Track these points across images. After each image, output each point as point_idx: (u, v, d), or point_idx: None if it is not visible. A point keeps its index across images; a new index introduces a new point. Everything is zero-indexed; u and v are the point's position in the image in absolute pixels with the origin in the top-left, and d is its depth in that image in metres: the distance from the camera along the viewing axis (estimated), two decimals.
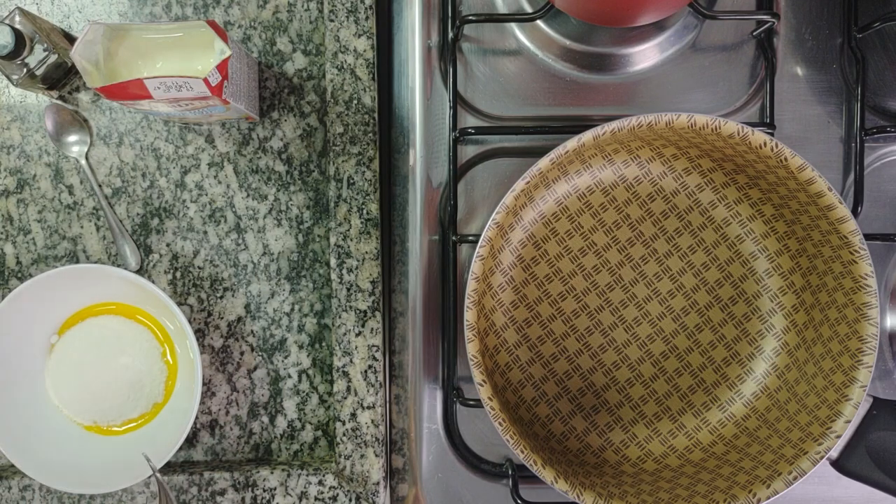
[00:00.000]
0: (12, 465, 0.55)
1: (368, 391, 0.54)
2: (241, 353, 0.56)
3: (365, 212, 0.53)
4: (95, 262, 0.55)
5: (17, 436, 0.50)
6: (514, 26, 0.54)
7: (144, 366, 0.52)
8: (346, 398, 0.54)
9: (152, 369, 0.53)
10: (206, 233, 0.55)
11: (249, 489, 0.53)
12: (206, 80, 0.44)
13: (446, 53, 0.53)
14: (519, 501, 0.50)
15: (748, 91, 0.54)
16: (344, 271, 0.54)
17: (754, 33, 0.53)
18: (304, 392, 0.56)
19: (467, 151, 0.54)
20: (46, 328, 0.53)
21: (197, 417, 0.55)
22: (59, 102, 0.55)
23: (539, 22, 0.53)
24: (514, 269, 0.51)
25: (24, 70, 0.51)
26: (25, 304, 0.50)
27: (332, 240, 0.54)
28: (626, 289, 0.51)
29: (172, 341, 0.54)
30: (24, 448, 0.50)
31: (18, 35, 0.48)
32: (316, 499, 0.53)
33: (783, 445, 0.46)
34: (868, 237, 0.46)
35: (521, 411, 0.51)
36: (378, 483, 0.54)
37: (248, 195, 0.55)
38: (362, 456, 0.54)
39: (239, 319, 0.55)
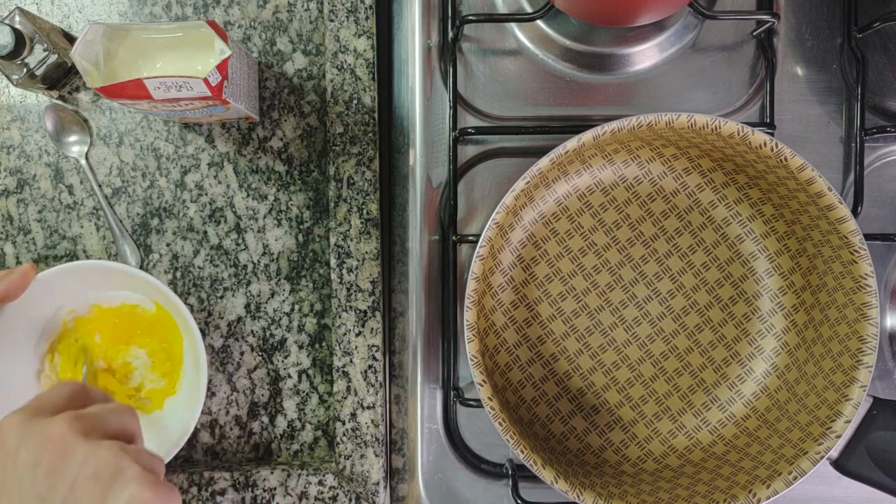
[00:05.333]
0: None
1: (368, 391, 0.54)
2: (241, 353, 0.56)
3: (365, 212, 0.53)
4: None
5: None
6: (514, 26, 0.54)
7: (148, 361, 0.52)
8: (346, 398, 0.54)
9: (156, 364, 0.53)
10: (206, 233, 0.55)
11: (249, 489, 0.53)
12: (206, 80, 0.44)
13: (446, 53, 0.53)
14: (519, 501, 0.50)
15: (748, 91, 0.54)
16: (344, 271, 0.54)
17: (754, 33, 0.53)
18: (304, 392, 0.56)
19: (467, 151, 0.54)
20: (50, 325, 0.53)
21: None
22: (59, 102, 0.55)
23: (539, 22, 0.53)
24: (514, 269, 0.51)
25: (24, 70, 0.51)
26: (28, 302, 0.50)
27: (332, 240, 0.54)
28: (626, 289, 0.51)
29: (179, 338, 0.53)
30: None
31: (18, 35, 0.48)
32: (316, 499, 0.53)
33: (783, 445, 0.46)
34: (868, 237, 0.46)
35: (521, 411, 0.51)
36: (378, 483, 0.54)
37: (248, 195, 0.55)
38: (362, 456, 0.54)
39: (239, 319, 0.55)
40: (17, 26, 0.50)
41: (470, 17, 0.50)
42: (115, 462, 0.34)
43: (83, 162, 0.55)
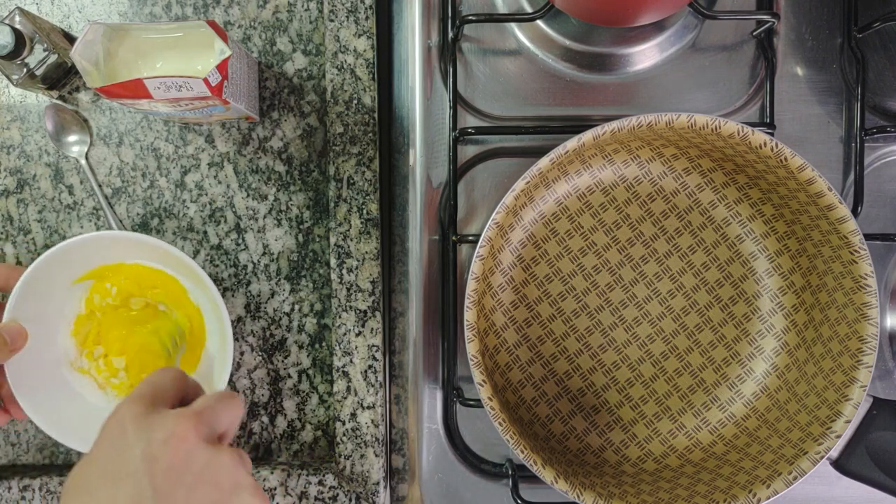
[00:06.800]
0: (13, 465, 0.55)
1: (368, 391, 0.54)
2: (241, 353, 0.56)
3: (365, 212, 0.53)
4: None
5: (47, 407, 0.50)
6: (514, 26, 0.54)
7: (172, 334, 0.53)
8: (346, 398, 0.54)
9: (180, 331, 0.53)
10: (206, 233, 0.55)
11: None
12: (206, 80, 0.44)
13: (446, 53, 0.53)
14: (519, 501, 0.50)
15: (748, 91, 0.54)
16: (344, 271, 0.54)
17: (754, 33, 0.53)
18: (304, 392, 0.56)
19: (467, 151, 0.54)
20: (76, 299, 0.53)
21: None
22: (59, 102, 0.55)
23: (539, 22, 0.53)
24: (514, 269, 0.51)
25: (24, 70, 0.51)
26: (53, 271, 0.49)
27: (332, 240, 0.54)
28: (626, 289, 0.51)
29: (199, 311, 0.53)
30: (55, 420, 0.50)
31: (18, 35, 0.48)
32: (316, 499, 0.53)
33: (783, 445, 0.46)
34: (868, 237, 0.46)
35: (521, 411, 0.51)
36: (378, 483, 0.54)
37: (248, 195, 0.55)
38: (362, 456, 0.54)
39: (239, 319, 0.55)
40: (17, 26, 0.50)
41: (470, 17, 0.50)
42: (234, 472, 0.36)
43: (83, 162, 0.55)
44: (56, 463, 0.56)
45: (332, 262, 0.54)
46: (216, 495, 0.35)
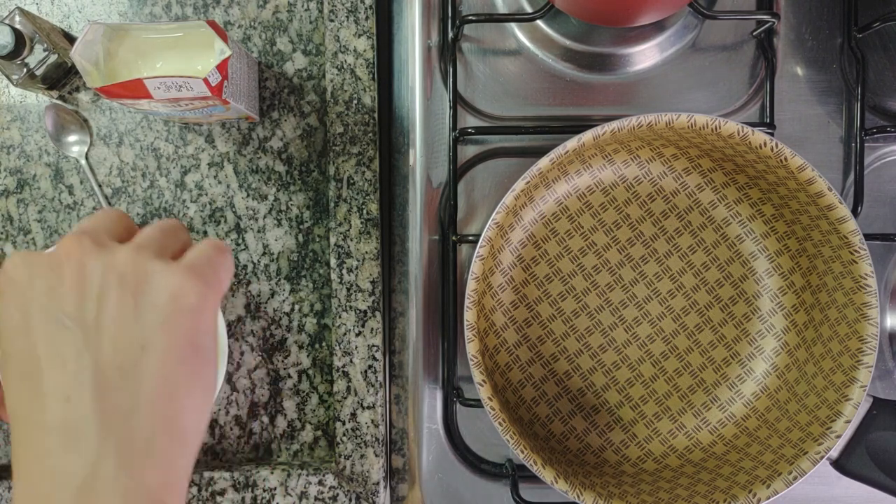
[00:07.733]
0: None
1: (368, 391, 0.54)
2: (241, 353, 0.56)
3: (365, 212, 0.53)
4: None
5: None
6: (514, 26, 0.54)
7: None
8: (346, 398, 0.54)
9: None
10: (206, 233, 0.55)
11: (249, 489, 0.53)
12: (206, 80, 0.44)
13: (446, 53, 0.53)
14: (519, 501, 0.50)
15: (748, 91, 0.54)
16: (344, 271, 0.54)
17: (754, 33, 0.53)
18: (304, 392, 0.56)
19: (467, 151, 0.54)
20: None
21: None
22: (59, 102, 0.55)
23: (539, 22, 0.53)
24: (514, 269, 0.51)
25: (24, 70, 0.51)
26: None
27: (332, 240, 0.54)
28: (626, 289, 0.51)
29: None
30: None
31: (18, 35, 0.48)
32: (316, 499, 0.53)
33: (783, 445, 0.46)
34: (868, 237, 0.46)
35: (521, 411, 0.51)
36: (378, 483, 0.54)
37: (248, 195, 0.55)
38: (362, 456, 0.54)
39: (239, 319, 0.55)
40: (17, 26, 0.50)
41: (470, 17, 0.50)
42: (136, 263, 0.32)
43: (83, 162, 0.55)
44: None
45: (332, 262, 0.54)
46: (126, 293, 0.31)
